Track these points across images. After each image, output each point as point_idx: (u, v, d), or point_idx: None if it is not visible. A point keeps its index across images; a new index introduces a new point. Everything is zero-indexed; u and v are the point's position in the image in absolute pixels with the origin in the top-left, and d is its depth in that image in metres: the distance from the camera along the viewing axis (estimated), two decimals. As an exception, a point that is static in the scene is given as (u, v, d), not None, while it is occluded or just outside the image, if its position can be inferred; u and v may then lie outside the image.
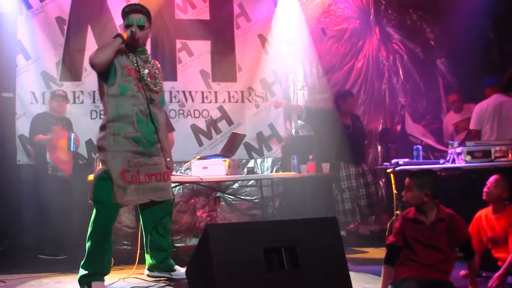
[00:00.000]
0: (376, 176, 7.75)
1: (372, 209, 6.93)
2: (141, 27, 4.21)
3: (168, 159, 4.47)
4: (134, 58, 4.23)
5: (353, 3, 8.31)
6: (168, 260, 4.61)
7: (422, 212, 3.74)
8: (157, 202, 4.32)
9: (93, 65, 4.05)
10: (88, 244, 4.13)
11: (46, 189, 6.38)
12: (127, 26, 4.20)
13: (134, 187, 4.11)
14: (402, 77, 8.37)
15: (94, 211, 4.12)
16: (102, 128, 4.18)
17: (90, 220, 4.17)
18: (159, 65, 4.54)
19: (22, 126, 6.96)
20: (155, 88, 4.25)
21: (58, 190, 6.37)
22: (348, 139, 6.80)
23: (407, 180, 3.82)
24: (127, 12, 4.25)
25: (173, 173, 5.91)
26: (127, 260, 5.32)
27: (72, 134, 6.37)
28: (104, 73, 4.13)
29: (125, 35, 4.10)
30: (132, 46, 4.23)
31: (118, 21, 7.34)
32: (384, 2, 8.41)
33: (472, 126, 6.72)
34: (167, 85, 7.40)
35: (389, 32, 8.41)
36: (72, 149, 6.35)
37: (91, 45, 7.18)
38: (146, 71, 4.24)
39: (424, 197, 3.69)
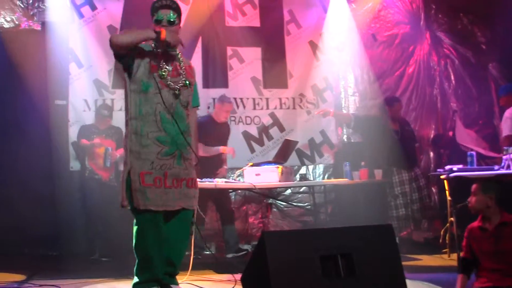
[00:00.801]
0: (428, 182, 7.65)
1: (425, 213, 6.87)
2: (171, 23, 3.93)
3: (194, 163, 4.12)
4: (158, 55, 3.95)
5: (403, 8, 8.28)
6: (173, 278, 4.15)
7: (486, 219, 3.73)
8: (183, 210, 3.94)
9: (111, 44, 3.75)
10: (134, 252, 3.92)
11: (87, 192, 6.51)
12: (156, 21, 3.93)
13: (159, 191, 3.78)
14: (453, 82, 8.28)
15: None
16: (125, 125, 3.93)
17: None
18: (191, 64, 4.21)
19: (75, 133, 7.01)
20: (177, 86, 3.90)
21: (98, 192, 6.45)
22: (398, 144, 6.76)
23: (473, 186, 3.83)
24: (156, 7, 3.98)
25: (225, 179, 5.96)
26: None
27: (108, 149, 6.44)
28: (123, 60, 3.87)
29: (163, 35, 3.77)
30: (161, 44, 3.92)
31: (169, 29, 7.45)
32: (434, 7, 8.36)
33: (509, 131, 6.50)
34: (218, 92, 7.45)
35: (440, 37, 8.34)
36: (107, 165, 6.43)
37: (142, 54, 7.25)
38: (170, 67, 3.93)
39: (488, 201, 3.69)
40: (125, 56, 3.83)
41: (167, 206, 3.81)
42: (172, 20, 3.94)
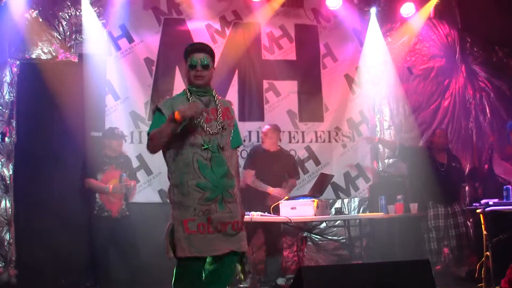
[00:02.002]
0: (466, 218, 7.60)
1: (462, 251, 6.80)
2: (205, 67, 3.81)
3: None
4: (193, 101, 3.83)
5: (438, 42, 8.31)
6: None
7: None
8: (234, 254, 3.83)
9: (150, 152, 3.80)
10: None
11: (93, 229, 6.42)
12: (191, 67, 3.80)
13: (203, 237, 3.69)
14: (489, 115, 8.27)
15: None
16: (168, 180, 3.88)
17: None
18: (230, 104, 4.09)
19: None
20: (215, 131, 3.80)
21: (109, 230, 6.37)
22: (440, 178, 6.74)
23: None
24: (189, 51, 3.85)
25: (261, 213, 5.95)
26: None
27: (123, 175, 6.36)
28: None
29: (178, 117, 3.55)
30: (196, 88, 3.87)
31: (206, 62, 7.48)
32: (469, 40, 8.37)
33: None
34: (254, 125, 7.52)
35: (475, 70, 8.35)
36: (123, 191, 6.37)
37: (179, 86, 7.24)
38: (204, 114, 3.78)
39: None
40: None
41: (212, 251, 3.73)
42: (206, 63, 3.82)
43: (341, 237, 7.75)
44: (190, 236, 3.66)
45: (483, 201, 5.87)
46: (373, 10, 8.03)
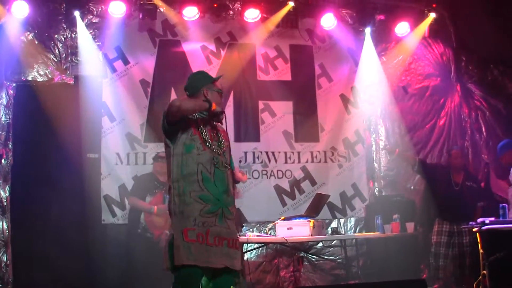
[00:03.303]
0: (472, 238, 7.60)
1: (464, 271, 6.78)
2: (220, 94, 4.25)
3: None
4: (201, 120, 4.08)
5: (433, 61, 8.34)
6: None
7: None
8: (229, 271, 3.89)
9: (173, 110, 3.85)
10: None
11: (133, 249, 6.42)
12: (219, 93, 4.20)
13: (201, 247, 3.73)
14: (484, 133, 8.28)
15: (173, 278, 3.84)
16: (168, 191, 3.98)
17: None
18: (223, 128, 4.22)
19: (107, 186, 7.10)
20: (218, 150, 4.00)
21: (145, 251, 6.36)
22: (452, 197, 6.77)
23: None
24: (217, 79, 4.28)
25: (257, 233, 5.98)
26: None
27: (166, 197, 6.39)
28: (174, 127, 3.96)
29: (214, 106, 3.97)
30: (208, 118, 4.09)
31: (201, 84, 7.50)
32: (464, 59, 8.41)
33: None
34: (250, 146, 7.55)
35: (470, 89, 8.37)
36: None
37: (174, 107, 7.29)
38: (207, 132, 4.02)
39: None
40: (177, 122, 3.92)
41: (209, 262, 3.77)
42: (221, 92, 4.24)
43: (337, 257, 7.75)
44: (189, 244, 3.71)
45: (479, 220, 5.86)
46: (368, 30, 8.06)
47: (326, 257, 7.73)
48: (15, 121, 6.98)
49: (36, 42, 7.11)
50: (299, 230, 6.07)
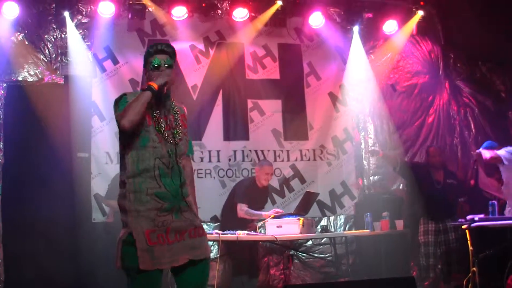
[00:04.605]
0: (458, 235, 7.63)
1: (451, 267, 6.81)
2: (168, 67, 3.62)
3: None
4: (156, 107, 3.65)
5: (421, 58, 8.37)
6: None
7: None
8: (193, 263, 3.64)
9: (123, 127, 3.44)
10: None
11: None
12: (154, 67, 3.60)
13: (163, 248, 3.52)
14: (473, 130, 8.32)
15: (127, 279, 3.57)
16: (121, 185, 3.63)
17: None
18: (185, 110, 3.86)
19: (97, 186, 7.13)
20: (174, 140, 3.64)
21: None
22: (435, 195, 6.80)
23: None
24: (152, 52, 3.66)
25: (244, 231, 5.95)
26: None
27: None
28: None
29: (155, 85, 3.49)
30: (159, 95, 3.62)
31: (190, 82, 7.54)
32: (452, 56, 8.44)
33: None
34: (239, 145, 7.57)
35: (459, 86, 8.41)
36: None
37: (163, 106, 7.33)
38: (166, 121, 3.64)
39: None
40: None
41: (173, 262, 3.56)
42: (169, 64, 3.64)
43: (327, 255, 7.76)
44: (152, 248, 3.49)
45: (468, 217, 5.88)
46: (356, 28, 8.08)
47: (316, 255, 7.75)
48: (6, 121, 6.99)
49: (26, 43, 7.14)
50: (288, 228, 6.07)
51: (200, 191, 5.27)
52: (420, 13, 7.95)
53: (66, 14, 7.18)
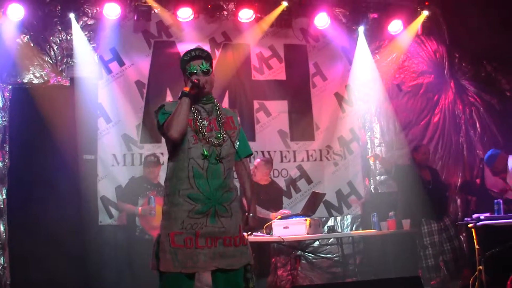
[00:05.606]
0: (457, 230, 7.64)
1: (458, 263, 6.83)
2: (205, 73, 3.63)
3: (251, 215, 3.79)
4: (194, 108, 3.64)
5: (427, 58, 8.39)
6: None
7: None
8: (224, 271, 3.55)
9: (174, 139, 3.48)
10: None
11: (132, 251, 6.45)
12: (190, 74, 3.60)
13: (189, 252, 3.45)
14: (479, 129, 8.33)
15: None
16: (164, 189, 3.69)
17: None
18: (233, 114, 3.84)
19: (104, 188, 7.12)
20: (216, 141, 3.56)
21: (144, 252, 6.37)
22: (429, 195, 6.77)
23: None
24: (187, 60, 3.67)
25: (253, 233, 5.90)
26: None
27: (151, 198, 6.44)
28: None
29: (187, 89, 3.53)
30: (196, 96, 3.64)
31: (196, 83, 7.53)
32: (457, 55, 8.46)
33: None
34: (246, 145, 7.53)
35: (464, 85, 8.42)
36: (152, 213, 6.40)
37: (170, 108, 7.32)
38: (205, 122, 3.60)
39: None
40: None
41: (196, 268, 3.49)
42: (206, 69, 3.64)
43: (334, 255, 7.77)
44: (175, 250, 3.45)
45: (474, 216, 5.91)
46: (361, 29, 8.09)
47: (323, 255, 7.76)
48: (12, 124, 6.97)
49: (32, 45, 7.11)
50: (295, 229, 6.06)
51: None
52: (425, 13, 7.95)
53: (72, 16, 7.17)
